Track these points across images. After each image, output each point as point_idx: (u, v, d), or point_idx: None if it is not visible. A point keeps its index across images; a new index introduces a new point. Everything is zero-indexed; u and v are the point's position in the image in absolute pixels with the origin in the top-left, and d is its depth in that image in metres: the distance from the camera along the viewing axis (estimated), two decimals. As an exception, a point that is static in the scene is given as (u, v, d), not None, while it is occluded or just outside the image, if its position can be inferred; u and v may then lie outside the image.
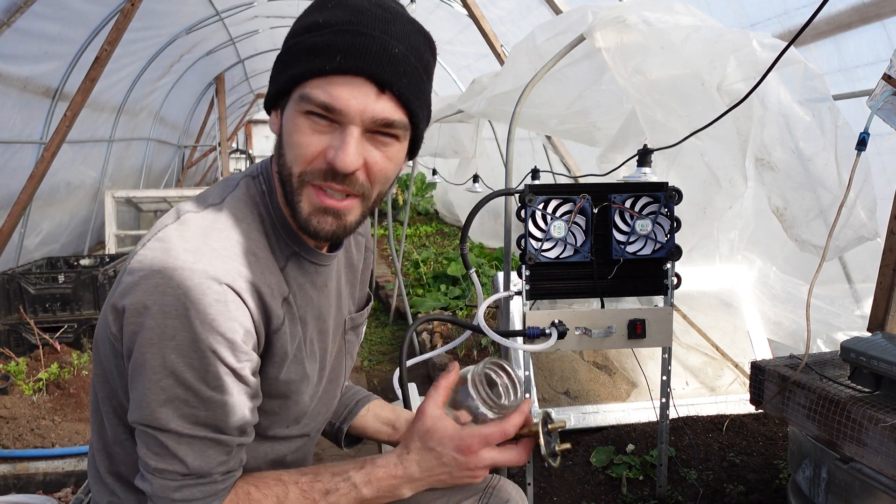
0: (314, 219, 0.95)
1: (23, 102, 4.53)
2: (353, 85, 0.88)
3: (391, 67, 0.89)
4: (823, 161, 1.90)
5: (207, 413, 0.92)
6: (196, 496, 0.93)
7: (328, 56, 0.88)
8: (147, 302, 0.87)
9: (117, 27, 3.83)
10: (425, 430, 1.03)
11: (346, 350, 1.22)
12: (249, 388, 0.96)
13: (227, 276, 0.90)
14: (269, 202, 1.03)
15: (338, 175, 0.92)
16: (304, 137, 0.91)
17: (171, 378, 0.89)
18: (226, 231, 0.95)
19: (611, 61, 2.19)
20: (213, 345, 0.89)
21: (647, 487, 2.47)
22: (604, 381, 3.02)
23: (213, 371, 0.90)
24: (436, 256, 6.58)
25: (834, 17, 2.63)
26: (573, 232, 2.04)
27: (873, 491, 1.54)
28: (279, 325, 0.99)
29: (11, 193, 4.35)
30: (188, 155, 10.89)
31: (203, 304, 0.87)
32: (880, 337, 1.64)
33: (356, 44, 0.88)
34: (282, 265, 1.02)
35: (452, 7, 6.35)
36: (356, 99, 0.88)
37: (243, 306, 0.92)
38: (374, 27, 0.89)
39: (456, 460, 1.01)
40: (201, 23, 6.91)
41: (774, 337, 3.08)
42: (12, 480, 2.64)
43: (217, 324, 0.88)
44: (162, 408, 0.90)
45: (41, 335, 3.86)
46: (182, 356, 0.88)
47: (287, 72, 0.92)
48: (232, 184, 1.04)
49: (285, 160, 0.94)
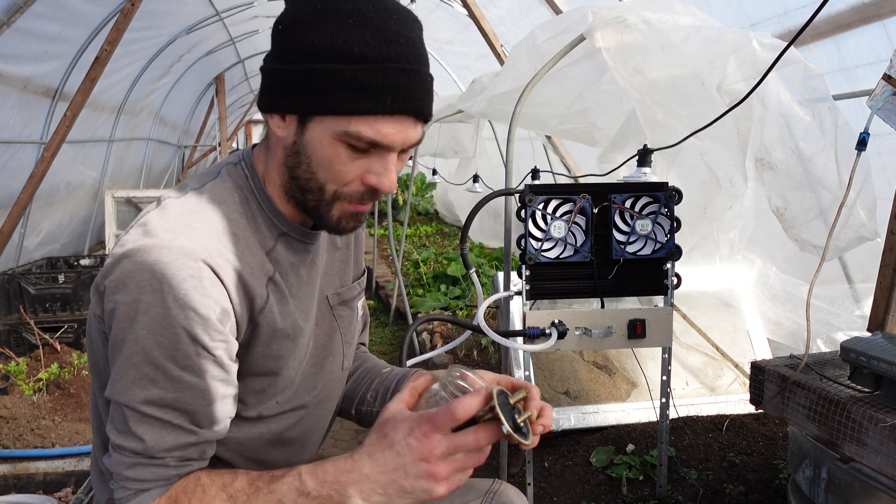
0: (343, 221, 1.01)
1: (23, 102, 4.53)
2: (400, 122, 0.94)
3: (427, 99, 0.96)
4: (823, 161, 1.90)
5: (176, 395, 0.90)
6: (147, 476, 0.91)
7: (377, 98, 0.91)
8: (124, 279, 0.88)
9: (117, 27, 3.83)
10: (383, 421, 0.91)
11: (338, 325, 1.21)
12: (224, 373, 0.94)
13: (202, 252, 0.90)
14: (253, 186, 1.04)
15: (374, 194, 0.98)
16: (344, 166, 0.95)
17: (140, 355, 0.88)
18: (205, 213, 0.96)
19: (611, 61, 2.19)
20: (185, 321, 0.88)
21: (647, 487, 2.47)
22: (604, 381, 3.02)
23: (182, 349, 0.89)
24: (436, 256, 6.58)
25: (834, 17, 2.63)
26: (573, 232, 2.04)
27: (873, 491, 1.54)
28: (263, 305, 0.99)
29: (11, 193, 4.35)
30: (188, 155, 10.90)
31: (177, 279, 0.87)
32: (880, 337, 1.64)
33: (403, 84, 0.92)
34: (271, 245, 1.03)
35: (452, 7, 6.36)
36: (401, 133, 0.94)
37: (219, 284, 0.91)
38: (409, 58, 0.93)
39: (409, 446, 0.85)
40: (201, 23, 6.91)
41: (774, 337, 3.08)
42: (12, 480, 2.64)
43: (190, 299, 0.88)
44: (131, 384, 0.89)
45: (41, 335, 3.86)
46: (152, 332, 0.88)
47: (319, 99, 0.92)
48: (213, 172, 1.06)
49: (315, 176, 0.97)
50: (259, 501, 0.89)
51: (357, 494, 0.87)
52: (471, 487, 1.24)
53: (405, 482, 0.86)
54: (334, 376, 1.21)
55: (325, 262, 1.19)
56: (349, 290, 1.24)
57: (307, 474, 0.89)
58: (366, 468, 0.87)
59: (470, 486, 1.25)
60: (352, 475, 0.88)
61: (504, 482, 1.27)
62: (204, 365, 0.91)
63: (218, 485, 0.92)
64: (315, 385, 1.16)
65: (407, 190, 5.93)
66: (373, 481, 0.87)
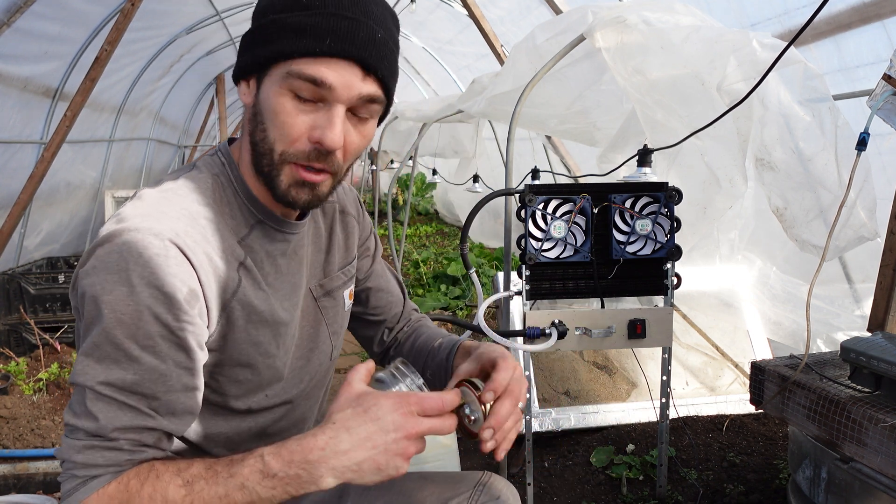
0: (292, 190, 0.98)
1: (23, 102, 4.53)
2: (341, 67, 0.92)
3: (376, 52, 0.94)
4: (823, 161, 1.90)
5: (135, 378, 0.88)
6: (97, 461, 0.87)
7: (317, 37, 0.90)
8: (95, 263, 0.88)
9: (117, 27, 3.83)
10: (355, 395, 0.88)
11: (323, 317, 1.20)
12: (187, 360, 0.92)
13: (169, 232, 0.90)
14: (230, 174, 1.04)
15: (321, 154, 0.95)
16: (289, 118, 0.93)
17: (102, 335, 0.87)
18: (177, 199, 0.96)
19: (611, 61, 2.19)
20: (149, 300, 0.87)
21: (647, 487, 2.47)
22: (604, 381, 3.02)
23: (144, 328, 0.87)
24: (436, 256, 6.58)
25: (834, 17, 2.63)
26: (573, 232, 2.04)
27: (873, 491, 1.54)
28: (235, 289, 0.99)
29: (11, 193, 4.35)
30: (188, 155, 10.89)
31: (143, 258, 0.87)
32: (880, 337, 1.64)
33: (344, 28, 0.91)
34: (244, 233, 1.03)
35: (452, 7, 6.36)
36: (344, 78, 0.92)
37: (187, 263, 0.91)
38: (357, 11, 0.93)
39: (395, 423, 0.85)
40: (201, 23, 6.91)
41: (774, 337, 3.08)
42: (12, 480, 2.64)
43: (155, 277, 0.87)
44: (91, 365, 0.87)
45: (41, 335, 3.86)
46: (114, 311, 0.86)
47: (268, 46, 0.94)
48: (190, 164, 1.07)
49: (266, 136, 0.96)
50: (219, 486, 0.85)
51: (329, 473, 0.84)
52: (461, 480, 1.24)
53: (382, 458, 0.85)
54: (322, 368, 1.21)
55: (311, 253, 1.18)
56: (332, 280, 1.22)
57: (270, 455, 0.85)
58: (344, 443, 0.84)
59: (461, 479, 1.24)
60: (325, 452, 0.84)
61: (494, 474, 1.26)
62: (166, 348, 0.89)
63: (172, 470, 0.87)
64: (302, 378, 1.17)
65: (407, 190, 5.93)
66: (349, 458, 0.84)
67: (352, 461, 0.84)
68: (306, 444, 0.85)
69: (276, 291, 1.07)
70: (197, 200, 0.98)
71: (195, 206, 0.97)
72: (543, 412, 2.80)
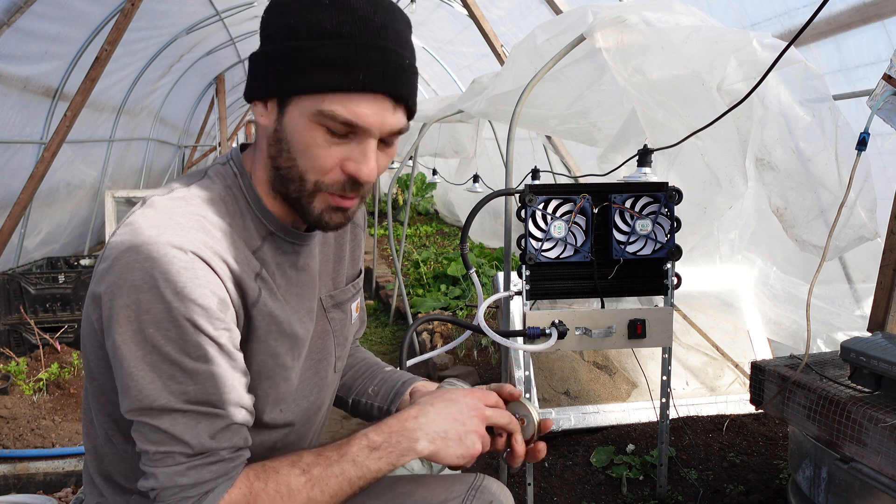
0: (326, 216, 0.99)
1: (23, 102, 4.53)
2: (374, 102, 0.91)
3: (404, 81, 0.94)
4: (824, 161, 1.90)
5: (196, 387, 0.89)
6: (206, 477, 0.89)
7: (349, 73, 0.89)
8: (119, 282, 0.87)
9: (117, 27, 3.83)
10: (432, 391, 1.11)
11: (331, 329, 1.19)
12: (234, 361, 0.94)
13: (191, 244, 0.89)
14: (242, 185, 1.03)
15: (356, 185, 0.96)
16: (321, 150, 0.93)
17: (153, 354, 0.87)
18: (190, 208, 0.95)
19: (611, 61, 2.19)
20: (188, 313, 0.87)
21: (647, 487, 2.47)
22: (604, 381, 3.02)
23: (192, 340, 0.88)
24: (436, 256, 6.58)
25: (834, 17, 2.63)
26: (573, 232, 2.04)
27: (873, 491, 1.54)
28: (256, 299, 0.98)
29: (11, 193, 4.35)
30: (188, 155, 10.89)
31: (172, 273, 0.87)
32: (880, 337, 1.64)
33: (376, 60, 0.90)
34: (257, 245, 1.02)
35: (453, 7, 6.36)
36: (377, 115, 0.92)
37: (213, 273, 0.91)
38: (386, 38, 0.91)
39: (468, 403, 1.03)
40: (201, 23, 6.91)
41: (775, 337, 3.08)
42: (12, 480, 2.64)
43: (188, 291, 0.87)
44: (150, 386, 0.88)
45: (41, 335, 3.86)
46: (159, 329, 0.87)
47: (293, 77, 0.91)
48: (200, 172, 1.05)
49: (295, 164, 0.95)
50: (333, 467, 0.95)
51: (424, 437, 0.99)
52: (454, 482, 1.24)
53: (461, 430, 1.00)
54: (328, 380, 1.21)
55: (321, 262, 1.17)
56: (343, 293, 1.22)
57: (373, 432, 0.98)
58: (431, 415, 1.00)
59: (454, 481, 1.24)
60: (418, 420, 1.00)
61: (487, 476, 1.27)
62: (216, 354, 0.91)
63: (287, 463, 0.95)
64: (311, 391, 1.16)
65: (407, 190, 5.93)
66: (437, 425, 1.00)
67: (440, 427, 1.00)
68: (402, 416, 1.01)
69: (289, 303, 1.06)
70: (211, 211, 0.97)
71: (210, 216, 0.96)
72: (543, 412, 2.80)
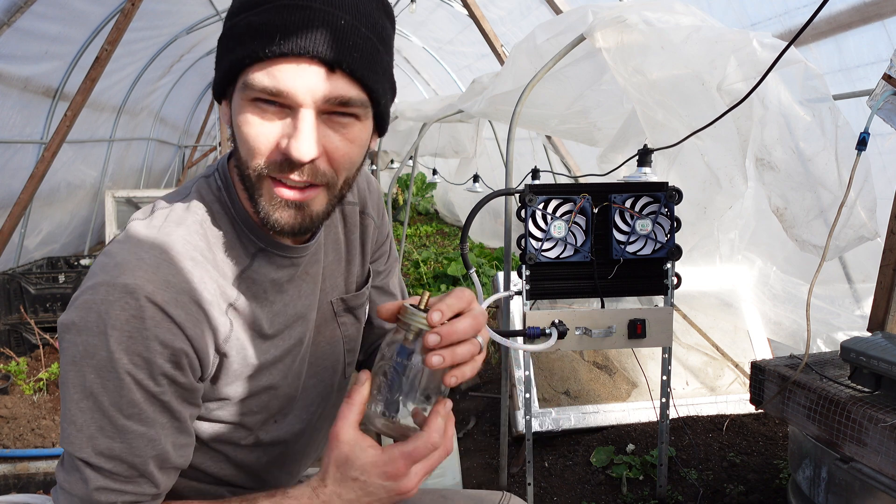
0: (274, 213, 0.87)
1: (23, 102, 4.53)
2: (297, 67, 0.80)
3: (338, 42, 0.80)
4: (824, 161, 1.90)
5: (122, 445, 0.85)
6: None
7: (266, 37, 0.79)
8: (74, 318, 0.83)
9: (118, 27, 3.83)
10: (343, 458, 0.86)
11: (341, 334, 1.13)
12: (173, 420, 0.88)
13: (145, 288, 0.83)
14: (226, 199, 0.95)
15: (295, 165, 0.84)
16: (253, 129, 0.83)
17: (88, 400, 0.83)
18: (160, 239, 0.89)
19: (611, 61, 2.19)
20: (128, 366, 0.82)
21: (647, 487, 2.47)
22: (604, 381, 3.03)
23: (127, 396, 0.83)
24: (436, 256, 6.58)
25: (834, 16, 2.63)
26: (573, 232, 2.04)
27: (873, 491, 1.54)
28: (228, 334, 0.93)
29: (12, 193, 4.35)
30: (188, 155, 10.90)
31: (119, 321, 0.81)
32: (880, 337, 1.64)
33: (294, 20, 0.79)
34: (245, 265, 0.95)
35: (453, 7, 6.36)
36: (303, 79, 0.80)
37: (167, 321, 0.84)
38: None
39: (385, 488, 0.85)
40: (201, 22, 6.91)
41: (775, 337, 3.08)
42: (12, 480, 2.64)
43: (132, 342, 0.82)
44: (77, 434, 0.84)
45: (41, 335, 3.86)
46: (99, 377, 0.83)
47: (227, 57, 0.85)
48: (185, 189, 0.98)
49: (240, 154, 0.87)
50: None
51: None
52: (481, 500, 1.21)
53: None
54: (336, 385, 1.17)
55: (331, 262, 1.11)
56: (356, 298, 1.15)
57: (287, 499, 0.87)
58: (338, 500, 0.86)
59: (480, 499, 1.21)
60: None
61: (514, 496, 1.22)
62: (151, 413, 0.86)
63: None
64: (313, 400, 1.12)
65: (407, 190, 5.93)
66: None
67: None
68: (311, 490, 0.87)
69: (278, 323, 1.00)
70: (184, 239, 0.90)
71: (180, 247, 0.89)
72: (543, 412, 2.80)
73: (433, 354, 0.82)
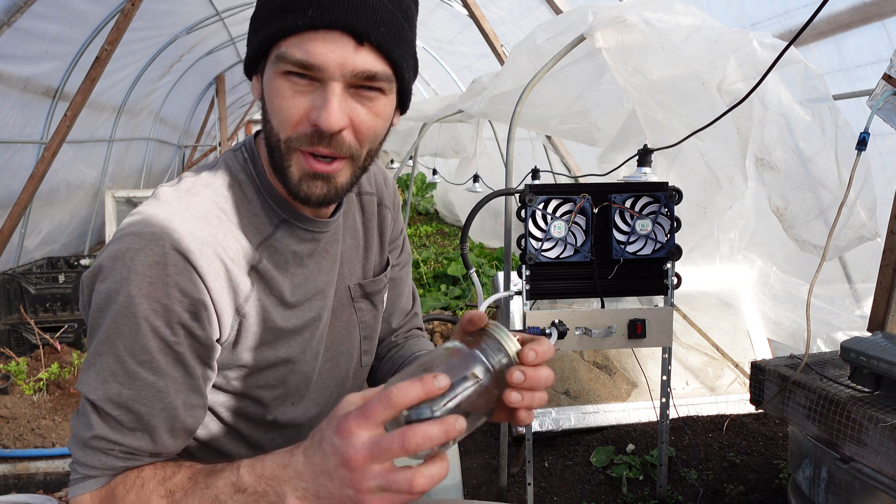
0: (304, 184, 0.91)
1: (23, 102, 4.53)
2: (330, 39, 0.83)
3: (367, 17, 0.84)
4: (824, 161, 1.90)
5: (131, 392, 0.86)
6: (94, 463, 0.88)
7: (299, 11, 0.83)
8: (101, 267, 0.86)
9: (118, 27, 3.83)
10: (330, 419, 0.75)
11: (357, 320, 1.13)
12: (186, 376, 0.89)
13: (172, 236, 0.86)
14: (252, 171, 0.99)
15: (324, 137, 0.87)
16: (285, 101, 0.87)
17: (105, 344, 0.86)
18: (188, 198, 0.92)
19: (611, 61, 2.19)
20: (146, 311, 0.84)
21: (647, 487, 2.47)
22: (604, 381, 3.03)
23: (141, 342, 0.85)
24: (436, 256, 6.58)
25: (834, 16, 2.63)
26: (573, 232, 2.04)
27: (873, 491, 1.54)
28: (248, 294, 0.94)
29: (12, 193, 4.35)
30: (189, 155, 10.90)
31: (143, 266, 0.84)
32: (880, 337, 1.64)
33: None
34: (268, 233, 0.98)
35: (453, 7, 6.36)
36: (334, 52, 0.83)
37: (189, 269, 0.86)
38: None
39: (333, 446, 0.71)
40: (201, 23, 6.91)
41: (775, 337, 3.08)
42: (12, 480, 2.64)
43: (152, 288, 0.84)
44: (93, 376, 0.87)
45: (41, 335, 3.87)
46: (116, 321, 0.85)
47: (261, 32, 0.88)
48: (213, 162, 1.03)
49: (271, 126, 0.90)
50: (195, 497, 0.82)
51: (292, 493, 0.76)
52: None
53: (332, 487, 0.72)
54: (351, 373, 1.17)
55: (349, 248, 1.13)
56: (374, 284, 1.16)
57: (245, 468, 0.80)
58: (299, 465, 0.76)
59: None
60: (287, 471, 0.76)
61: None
62: (164, 363, 0.87)
63: (158, 478, 0.87)
64: (329, 384, 1.12)
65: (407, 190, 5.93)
66: (305, 480, 0.75)
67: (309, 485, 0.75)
68: (277, 460, 0.79)
69: (299, 294, 1.02)
70: (210, 199, 0.94)
71: (206, 206, 0.93)
72: (543, 412, 2.80)
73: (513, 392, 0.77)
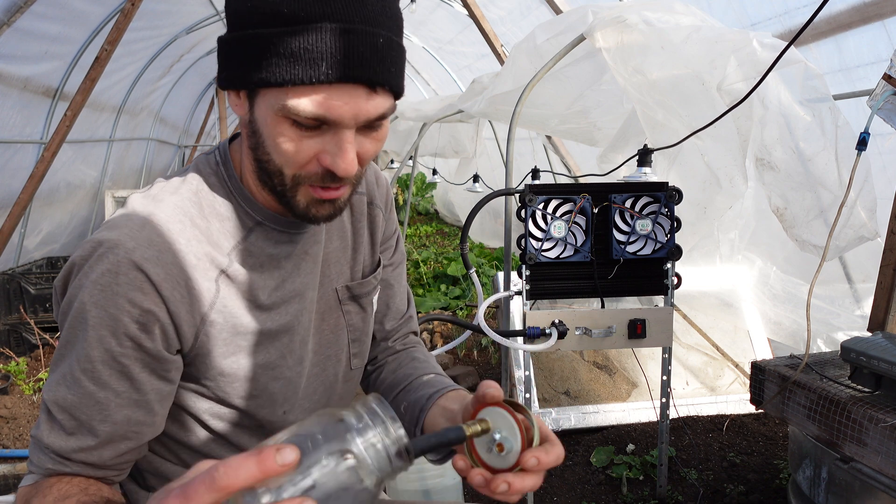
0: (312, 209, 0.91)
1: (23, 102, 4.53)
2: (344, 92, 0.80)
3: (380, 64, 0.81)
4: (824, 161, 1.90)
5: (75, 400, 0.85)
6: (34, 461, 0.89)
7: (309, 65, 0.78)
8: (66, 271, 0.88)
9: (117, 27, 3.83)
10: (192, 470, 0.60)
11: (345, 323, 1.11)
12: (132, 390, 0.87)
13: (126, 244, 0.84)
14: (224, 174, 0.97)
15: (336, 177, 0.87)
16: (292, 144, 0.84)
17: (64, 348, 0.87)
18: (153, 204, 0.91)
19: (611, 61, 2.19)
20: (94, 319, 0.84)
21: (647, 487, 2.47)
22: (604, 381, 3.02)
23: (86, 351, 0.84)
24: (436, 256, 6.58)
25: (834, 16, 2.63)
26: (573, 232, 2.04)
27: (873, 491, 1.54)
28: (213, 300, 0.92)
29: (11, 193, 4.35)
30: (188, 155, 10.90)
31: (97, 274, 0.83)
32: (880, 337, 1.64)
33: (341, 45, 0.78)
34: (241, 236, 0.96)
35: (452, 7, 6.35)
36: (349, 105, 0.81)
37: (143, 279, 0.84)
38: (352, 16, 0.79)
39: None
40: (201, 22, 6.91)
41: (775, 337, 3.08)
42: (12, 480, 2.64)
43: (102, 295, 0.83)
44: (51, 375, 0.89)
45: (41, 335, 3.86)
46: (72, 327, 0.86)
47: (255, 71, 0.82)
48: (185, 167, 1.01)
49: (271, 158, 0.87)
50: None
51: None
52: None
53: None
54: (340, 376, 1.15)
55: (335, 249, 1.10)
56: (362, 286, 1.13)
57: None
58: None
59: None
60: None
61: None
62: (107, 375, 0.85)
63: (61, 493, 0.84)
64: (316, 390, 1.10)
65: (407, 190, 5.93)
66: None
67: None
68: None
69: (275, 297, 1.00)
70: (175, 205, 0.92)
71: (169, 212, 0.90)
72: (543, 412, 2.80)
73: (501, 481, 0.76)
